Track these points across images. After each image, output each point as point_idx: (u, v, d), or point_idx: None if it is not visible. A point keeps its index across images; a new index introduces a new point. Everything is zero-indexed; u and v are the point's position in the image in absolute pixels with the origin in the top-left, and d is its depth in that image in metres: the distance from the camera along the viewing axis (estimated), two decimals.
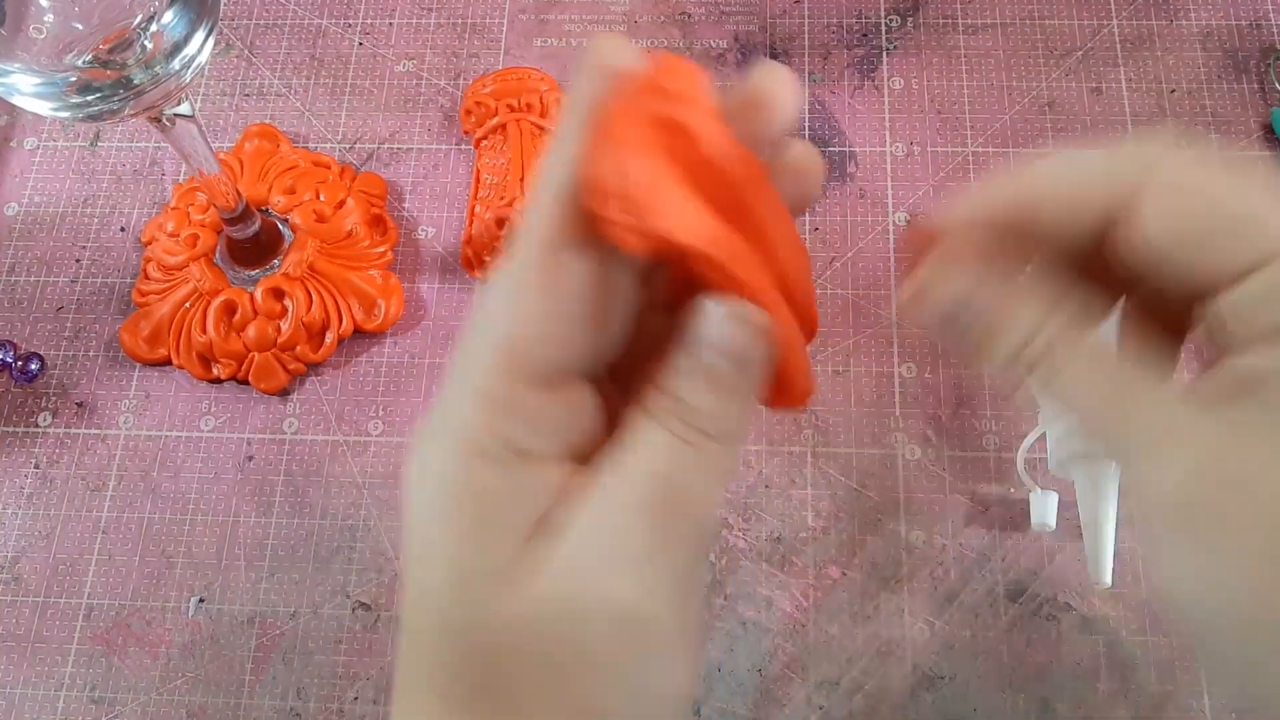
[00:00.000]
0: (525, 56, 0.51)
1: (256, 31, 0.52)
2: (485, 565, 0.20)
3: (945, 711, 0.39)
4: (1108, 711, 0.38)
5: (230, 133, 0.50)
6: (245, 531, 0.43)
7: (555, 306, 0.20)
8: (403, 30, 0.52)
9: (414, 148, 0.49)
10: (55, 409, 0.45)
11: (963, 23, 0.50)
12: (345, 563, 0.42)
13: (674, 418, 0.20)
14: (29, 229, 0.48)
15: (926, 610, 0.40)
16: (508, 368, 0.20)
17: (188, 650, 0.41)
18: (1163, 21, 0.49)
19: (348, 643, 0.41)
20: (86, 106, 0.32)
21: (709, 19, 0.51)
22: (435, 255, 0.47)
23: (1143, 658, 0.39)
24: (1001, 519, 0.41)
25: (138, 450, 0.44)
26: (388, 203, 0.48)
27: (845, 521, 0.42)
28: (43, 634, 0.41)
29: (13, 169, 0.50)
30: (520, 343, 0.20)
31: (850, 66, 0.50)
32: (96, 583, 0.42)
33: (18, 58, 0.31)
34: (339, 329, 0.45)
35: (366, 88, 0.50)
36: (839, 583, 0.41)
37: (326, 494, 0.43)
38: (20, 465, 0.44)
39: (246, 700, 0.40)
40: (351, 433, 0.44)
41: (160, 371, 0.45)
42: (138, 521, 0.43)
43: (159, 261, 0.46)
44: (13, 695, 0.40)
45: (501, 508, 0.20)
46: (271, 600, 0.42)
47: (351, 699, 0.40)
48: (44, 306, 0.47)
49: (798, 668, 0.40)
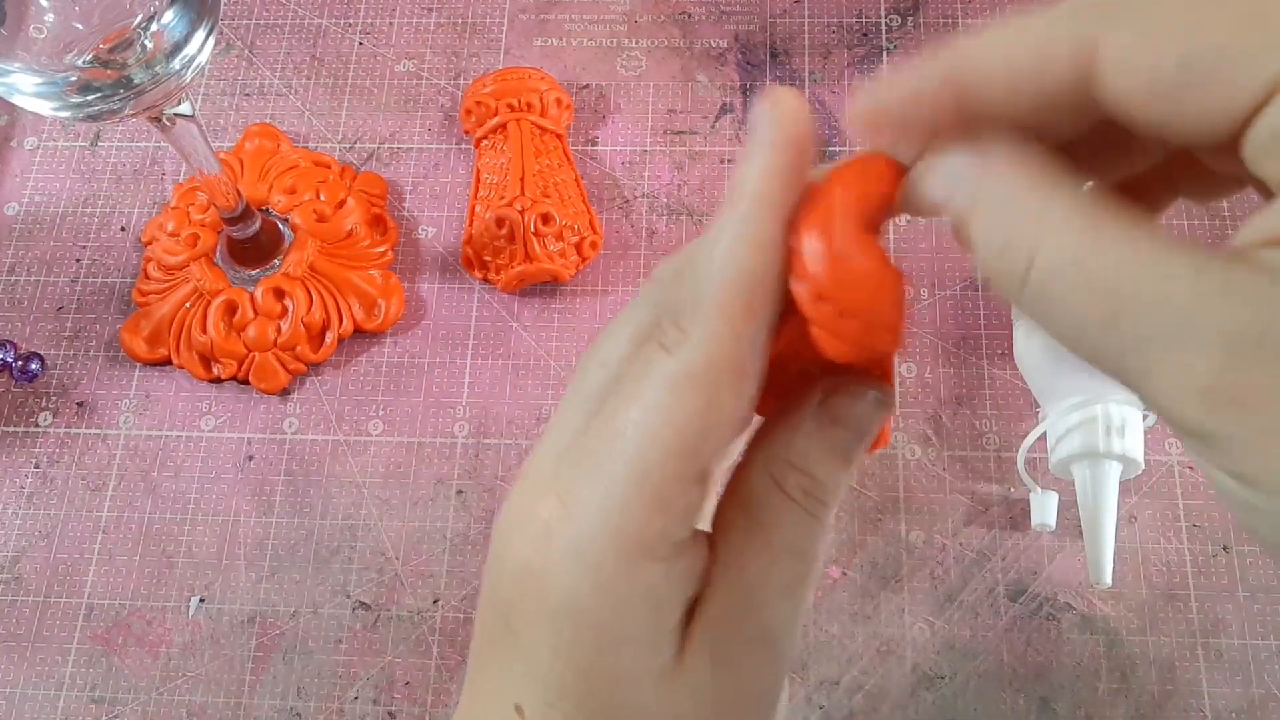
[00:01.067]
0: (525, 56, 0.51)
1: (256, 31, 0.52)
2: (653, 666, 0.20)
3: (945, 711, 0.39)
4: (1108, 711, 0.38)
5: (230, 132, 0.50)
6: (245, 531, 0.43)
7: (742, 408, 0.19)
8: (403, 30, 0.52)
9: (414, 147, 0.49)
10: (55, 409, 0.45)
11: (963, 23, 0.50)
12: (345, 563, 0.42)
13: (803, 491, 0.20)
14: (29, 229, 0.48)
15: (926, 610, 0.40)
16: (684, 470, 0.19)
17: (188, 650, 0.41)
18: None
19: (348, 643, 0.41)
20: (87, 106, 0.32)
21: (709, 19, 0.51)
22: (435, 255, 0.47)
23: (1143, 658, 0.39)
24: (1001, 519, 0.41)
25: (138, 450, 0.44)
26: (388, 202, 0.48)
27: (845, 521, 0.42)
28: (43, 634, 0.41)
29: (13, 169, 0.50)
30: (703, 448, 0.19)
31: (850, 66, 0.50)
32: (96, 583, 0.42)
33: (18, 58, 0.31)
34: (339, 329, 0.45)
35: (367, 87, 0.50)
36: (839, 582, 0.41)
37: (326, 494, 0.43)
38: (20, 465, 0.44)
39: (246, 700, 0.40)
40: (351, 433, 0.44)
41: (160, 371, 0.45)
42: (138, 521, 0.43)
43: (159, 261, 0.46)
44: (13, 695, 0.40)
45: (665, 606, 0.20)
46: (271, 600, 0.42)
47: (351, 699, 0.40)
48: (44, 306, 0.47)
49: (798, 668, 0.40)
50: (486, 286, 0.46)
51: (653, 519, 0.19)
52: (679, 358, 0.18)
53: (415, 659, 0.40)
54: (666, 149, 0.48)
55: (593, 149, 0.49)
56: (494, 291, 0.46)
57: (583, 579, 0.19)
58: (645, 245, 0.47)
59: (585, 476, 0.19)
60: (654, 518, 0.19)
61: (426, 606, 0.41)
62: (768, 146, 0.19)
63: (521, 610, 0.20)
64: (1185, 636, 0.39)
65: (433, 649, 0.41)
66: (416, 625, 0.41)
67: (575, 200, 0.47)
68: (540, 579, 0.19)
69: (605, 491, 0.19)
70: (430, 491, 0.43)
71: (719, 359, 0.18)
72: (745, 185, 0.19)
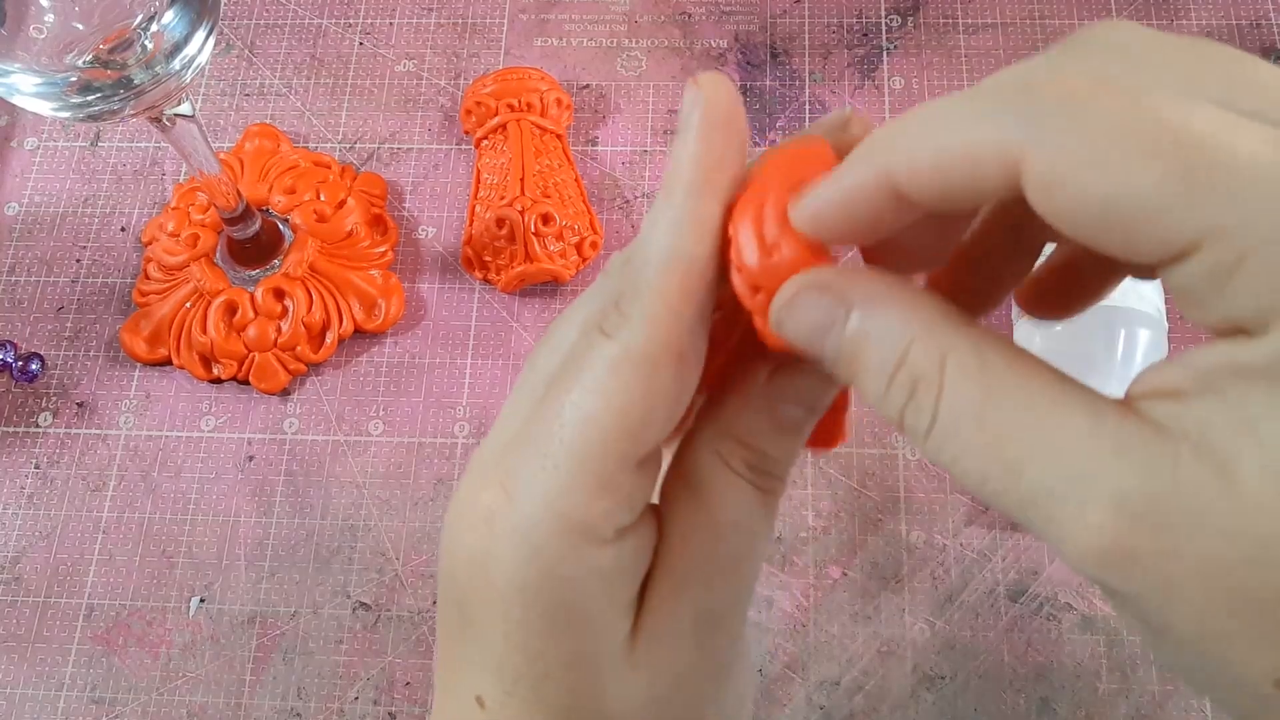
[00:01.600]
0: (525, 56, 0.51)
1: (256, 31, 0.52)
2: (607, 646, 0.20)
3: (945, 711, 0.39)
4: (1108, 711, 0.38)
5: (230, 133, 0.50)
6: (245, 531, 0.43)
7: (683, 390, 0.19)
8: (403, 30, 0.52)
9: (414, 148, 0.49)
10: (55, 409, 0.45)
11: (963, 23, 0.50)
12: (345, 563, 0.42)
13: (749, 466, 0.20)
14: (29, 229, 0.48)
15: (926, 610, 0.40)
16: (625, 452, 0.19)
17: (188, 650, 0.41)
18: (1163, 22, 0.49)
19: (348, 643, 0.41)
20: (87, 106, 0.32)
21: (709, 18, 0.51)
22: (435, 255, 0.47)
23: (1143, 658, 0.39)
24: (1002, 519, 0.41)
25: (138, 450, 0.44)
26: (388, 203, 0.48)
27: (845, 521, 0.42)
28: (43, 634, 0.41)
29: (13, 169, 0.50)
30: (643, 430, 0.18)
31: (850, 66, 0.50)
32: (97, 583, 0.42)
33: (18, 58, 0.31)
34: (339, 329, 0.45)
35: (367, 87, 0.50)
36: (839, 582, 0.41)
37: (326, 494, 0.43)
38: (20, 465, 0.44)
39: (246, 700, 0.40)
40: (351, 433, 0.44)
41: (160, 371, 0.45)
42: (138, 521, 0.43)
43: (159, 261, 0.46)
44: (13, 695, 0.40)
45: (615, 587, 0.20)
46: (271, 600, 0.42)
47: (351, 699, 0.40)
48: (44, 306, 0.47)
49: (798, 668, 0.40)
50: (486, 286, 0.46)
51: (594, 503, 0.18)
52: (618, 341, 0.18)
53: (415, 659, 0.40)
54: (666, 149, 0.48)
55: (593, 149, 0.49)
56: (494, 291, 0.46)
57: (528, 563, 0.19)
58: None
59: (526, 461, 0.19)
60: (595, 501, 0.19)
61: (426, 606, 0.41)
62: (696, 131, 0.19)
63: (473, 600, 0.20)
64: None
65: (433, 649, 0.41)
66: (416, 625, 0.41)
67: (575, 200, 0.47)
68: (486, 565, 0.19)
69: (546, 476, 0.19)
70: (430, 491, 0.43)
71: (657, 341, 0.18)
72: (678, 170, 0.19)
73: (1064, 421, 0.15)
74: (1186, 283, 0.14)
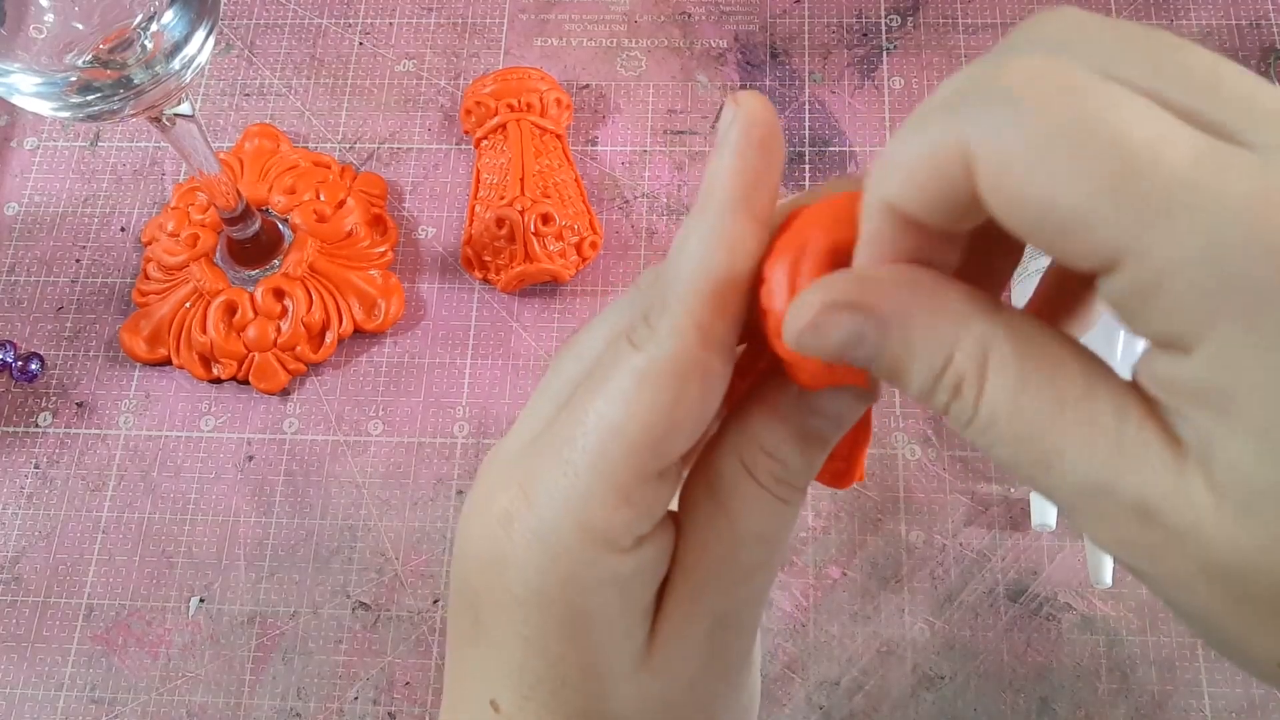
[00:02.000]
0: (525, 56, 0.51)
1: (256, 31, 0.52)
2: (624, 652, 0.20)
3: (945, 711, 0.39)
4: (1108, 711, 0.38)
5: (230, 133, 0.50)
6: (245, 531, 0.43)
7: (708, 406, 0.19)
8: (403, 30, 0.52)
9: (414, 148, 0.49)
10: (55, 409, 0.45)
11: (963, 22, 0.50)
12: (345, 563, 0.42)
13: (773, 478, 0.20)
14: (29, 229, 0.48)
15: (926, 610, 0.40)
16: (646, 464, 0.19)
17: (188, 650, 0.41)
18: (1163, 21, 0.49)
19: (348, 643, 0.41)
20: (87, 106, 0.32)
21: (709, 19, 0.51)
22: (435, 255, 0.47)
23: (1143, 658, 0.39)
24: (1001, 519, 0.41)
25: (138, 450, 0.44)
26: (388, 203, 0.48)
27: (845, 521, 0.42)
28: (43, 634, 0.41)
29: (13, 169, 0.50)
30: (666, 444, 0.19)
31: (850, 66, 0.50)
32: (96, 583, 0.42)
33: (18, 58, 0.31)
34: (339, 329, 0.45)
35: (367, 87, 0.50)
36: (839, 583, 0.41)
37: (326, 494, 0.43)
38: (20, 465, 0.44)
39: (246, 700, 0.40)
40: (351, 433, 0.44)
41: (160, 371, 0.45)
42: (138, 521, 0.43)
43: (159, 261, 0.46)
44: (13, 695, 0.40)
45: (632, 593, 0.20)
46: (271, 600, 0.42)
47: (351, 699, 0.40)
48: (44, 306, 0.47)
49: (798, 668, 0.40)
50: (486, 286, 0.46)
51: (614, 512, 0.19)
52: (646, 353, 0.18)
53: (415, 659, 0.40)
54: (666, 149, 0.48)
55: (593, 149, 0.49)
56: (494, 291, 0.46)
57: (546, 569, 0.19)
58: (645, 245, 0.47)
59: (547, 466, 0.19)
60: (616, 511, 0.19)
61: (426, 606, 0.41)
62: (734, 148, 0.19)
63: (488, 602, 0.20)
64: (1185, 636, 0.39)
65: (433, 649, 0.41)
66: (416, 625, 0.41)
67: (575, 200, 0.47)
68: (502, 569, 0.19)
69: (567, 482, 0.19)
70: (430, 491, 0.43)
71: (685, 356, 0.18)
72: (712, 187, 0.19)
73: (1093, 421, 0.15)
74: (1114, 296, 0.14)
